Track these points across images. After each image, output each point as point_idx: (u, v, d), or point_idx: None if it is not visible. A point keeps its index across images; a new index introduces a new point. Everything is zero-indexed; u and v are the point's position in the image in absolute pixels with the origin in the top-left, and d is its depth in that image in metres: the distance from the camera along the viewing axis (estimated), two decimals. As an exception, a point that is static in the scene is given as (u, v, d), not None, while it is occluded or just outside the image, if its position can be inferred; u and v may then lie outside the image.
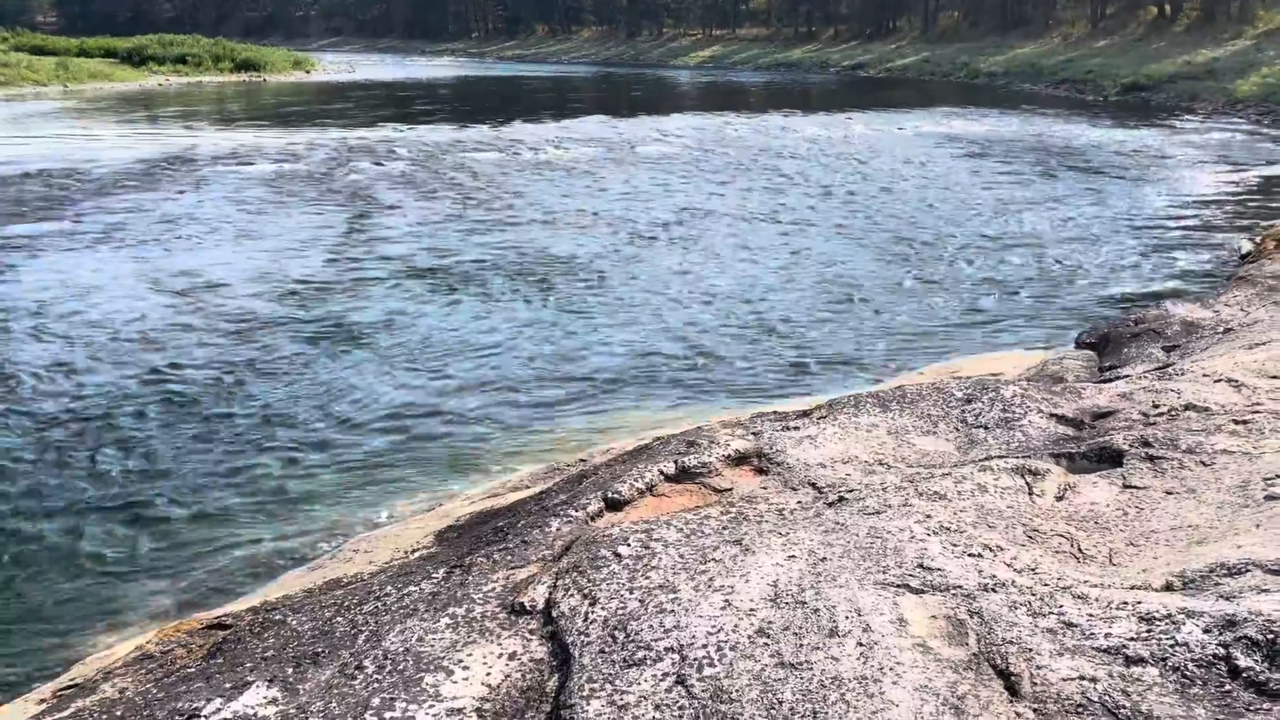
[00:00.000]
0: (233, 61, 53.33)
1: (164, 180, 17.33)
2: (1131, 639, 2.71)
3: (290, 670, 3.07)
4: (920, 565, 3.25)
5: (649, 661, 2.86)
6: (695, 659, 2.83)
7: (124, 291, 10.14)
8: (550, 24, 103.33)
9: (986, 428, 5.03)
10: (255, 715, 2.79)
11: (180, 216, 14.06)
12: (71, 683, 3.80)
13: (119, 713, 3.00)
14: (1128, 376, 6.19)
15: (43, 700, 3.69)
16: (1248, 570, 3.01)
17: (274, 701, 2.86)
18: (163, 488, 5.93)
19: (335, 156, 20.41)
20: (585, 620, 3.14)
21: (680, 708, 2.64)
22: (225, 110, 34.20)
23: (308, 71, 56.60)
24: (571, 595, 3.31)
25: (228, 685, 2.99)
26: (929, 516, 3.70)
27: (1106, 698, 2.50)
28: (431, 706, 2.78)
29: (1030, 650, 2.72)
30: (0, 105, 34.06)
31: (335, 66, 62.00)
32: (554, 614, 3.23)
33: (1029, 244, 12.78)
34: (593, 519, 4.29)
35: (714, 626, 2.99)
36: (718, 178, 18.12)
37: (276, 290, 10.21)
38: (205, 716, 2.80)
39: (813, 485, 4.32)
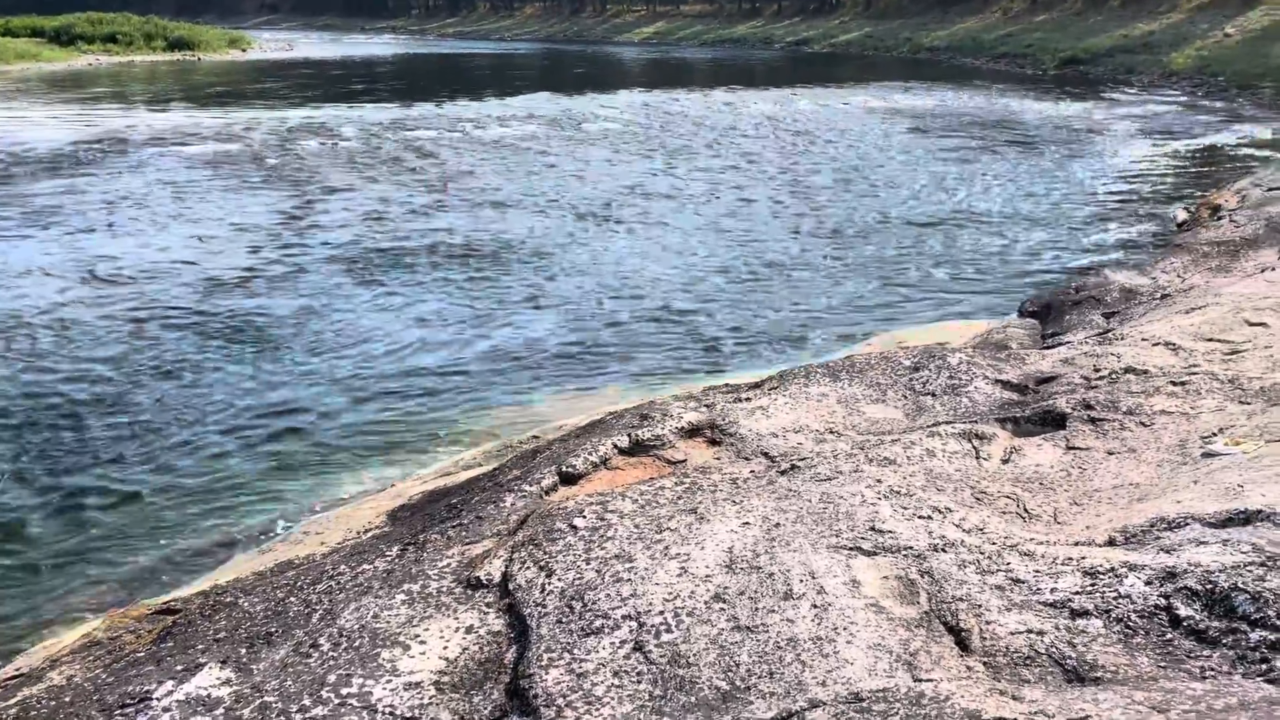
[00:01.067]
0: (165, 40, 52.00)
1: (96, 163, 16.88)
2: (1076, 593, 2.78)
3: (243, 651, 3.04)
4: (872, 528, 3.30)
5: (607, 630, 2.87)
6: (653, 625, 2.85)
7: (55, 277, 9.88)
8: (492, 1, 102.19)
9: (934, 395, 5.11)
10: (209, 696, 2.75)
11: (113, 200, 13.71)
12: (17, 672, 3.72)
13: (68, 699, 2.94)
14: (1069, 343, 6.32)
15: (-13, 691, 3.61)
16: (1187, 524, 3.10)
17: (227, 682, 2.83)
18: (106, 476, 5.81)
19: (274, 137, 20.03)
20: (542, 592, 3.14)
21: (639, 673, 2.66)
22: (159, 91, 33.35)
23: (244, 50, 55.38)
24: (528, 568, 3.31)
25: (179, 668, 2.95)
26: (879, 481, 3.76)
27: (1053, 649, 2.56)
28: (389, 681, 2.76)
29: (979, 607, 2.77)
30: (-78, 87, 32.88)
31: (272, 45, 60.75)
32: (510, 587, 3.23)
33: (972, 216, 12.96)
34: (547, 493, 4.29)
35: (671, 593, 3.01)
36: (665, 156, 18.10)
37: (217, 274, 10.02)
38: (157, 699, 2.76)
39: (765, 454, 4.36)
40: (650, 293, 9.46)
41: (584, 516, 3.66)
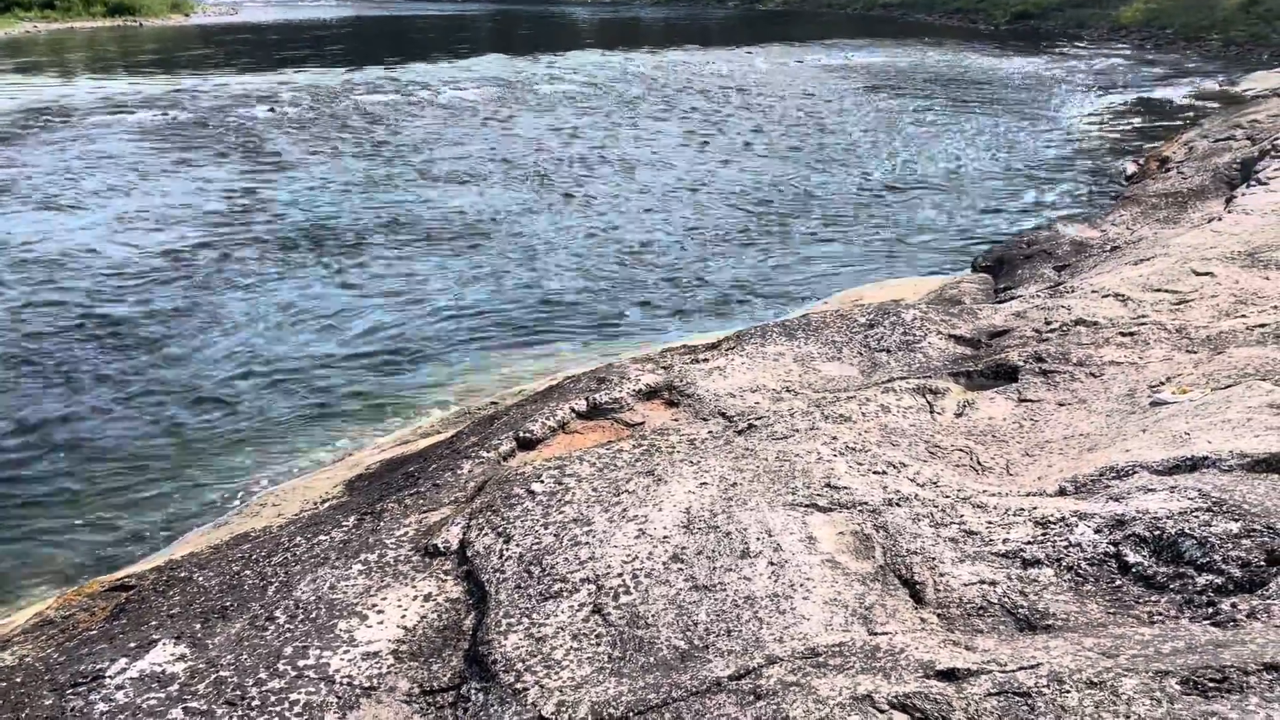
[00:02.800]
0: (105, 6, 50.43)
1: (37, 135, 16.41)
2: (1028, 543, 2.82)
3: (198, 626, 3.00)
4: (828, 485, 3.32)
5: (565, 593, 2.87)
6: (611, 588, 2.85)
7: (34, 247, 9.62)
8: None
9: (889, 351, 5.14)
10: (163, 673, 2.72)
11: (56, 172, 13.36)
12: (-33, 655, 3.65)
13: (19, 679, 2.90)
14: (1021, 296, 6.38)
15: (-63, 675, 3.54)
16: (1135, 472, 3.14)
17: (182, 658, 2.80)
18: (57, 453, 5.71)
19: (220, 104, 19.58)
20: (500, 557, 3.13)
21: (598, 635, 2.66)
22: (100, 58, 32.43)
23: (186, 15, 53.93)
24: (485, 534, 3.30)
25: (132, 645, 2.91)
26: (835, 438, 3.78)
27: (1005, 599, 2.60)
28: (346, 651, 2.75)
29: (933, 559, 2.80)
30: None
31: (216, 9, 59.20)
32: (469, 553, 3.22)
33: (925, 174, 13.00)
34: (505, 459, 4.27)
35: (629, 555, 3.01)
36: (619, 118, 17.95)
37: (163, 248, 9.81)
38: (110, 677, 2.72)
39: (723, 415, 4.37)
40: (605, 256, 9.41)
41: (542, 481, 3.65)
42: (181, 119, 17.69)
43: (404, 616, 2.93)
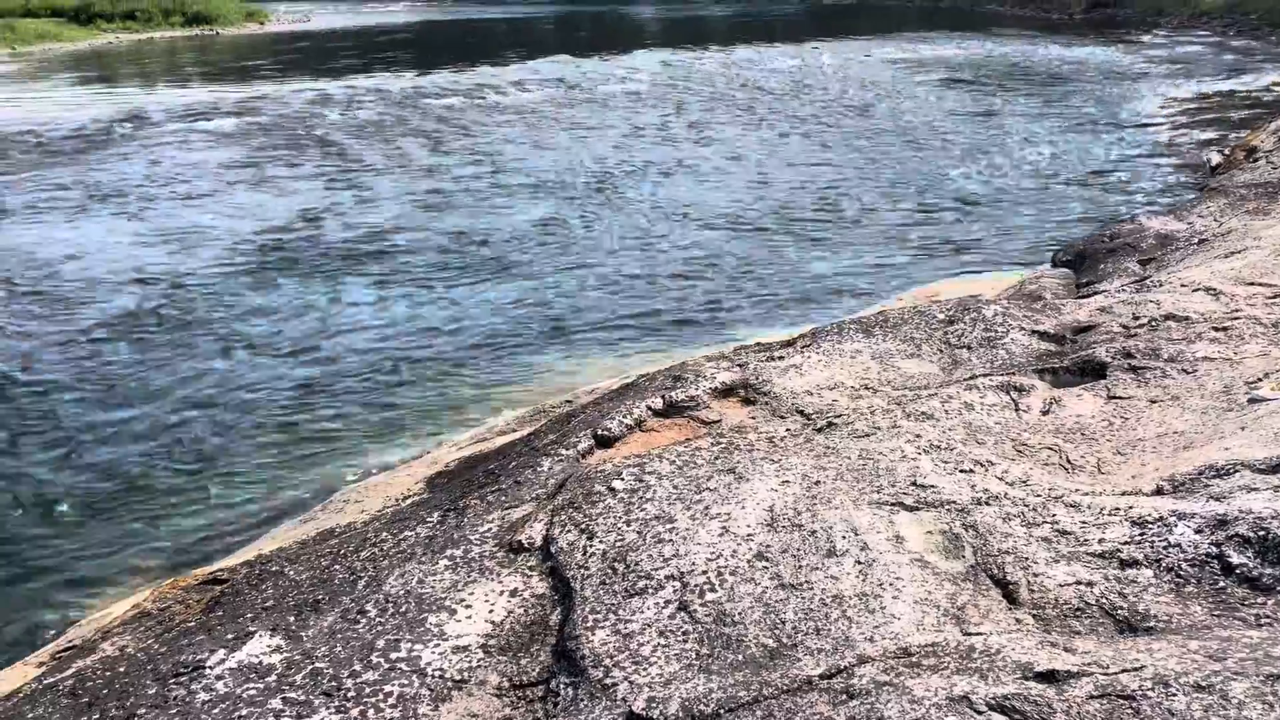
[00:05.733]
0: (184, 15, 51.84)
1: (118, 141, 16.94)
2: (1125, 543, 2.75)
3: (292, 619, 3.07)
4: (913, 483, 3.28)
5: (650, 590, 2.87)
6: (696, 585, 2.85)
7: (88, 255, 9.95)
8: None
9: (970, 348, 5.05)
10: (260, 664, 2.79)
11: (139, 178, 13.77)
12: (70, 645, 3.78)
13: (122, 669, 2.99)
14: (1106, 291, 6.23)
15: (42, 664, 3.68)
16: (1236, 471, 3.05)
17: (278, 649, 2.87)
18: (148, 449, 5.88)
19: (294, 109, 20.01)
20: (584, 554, 3.15)
21: (684, 633, 2.66)
22: (179, 66, 33.37)
23: (261, 23, 55.20)
24: (569, 531, 3.32)
25: (230, 636, 2.99)
26: (918, 436, 3.73)
27: (1104, 600, 2.54)
28: (437, 645, 2.79)
29: (1026, 559, 2.75)
30: (-54, 71, 33.04)
31: (290, 16, 60.49)
32: (552, 550, 3.24)
33: (999, 167, 12.76)
34: (584, 456, 4.29)
35: (713, 553, 3.00)
36: (688, 116, 17.93)
37: (246, 250, 10.06)
38: (210, 668, 2.80)
39: (800, 413, 4.33)
40: (679, 253, 9.41)
41: (622, 479, 3.66)
42: (257, 125, 18.11)
43: (491, 611, 2.96)
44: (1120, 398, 4.08)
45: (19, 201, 12.33)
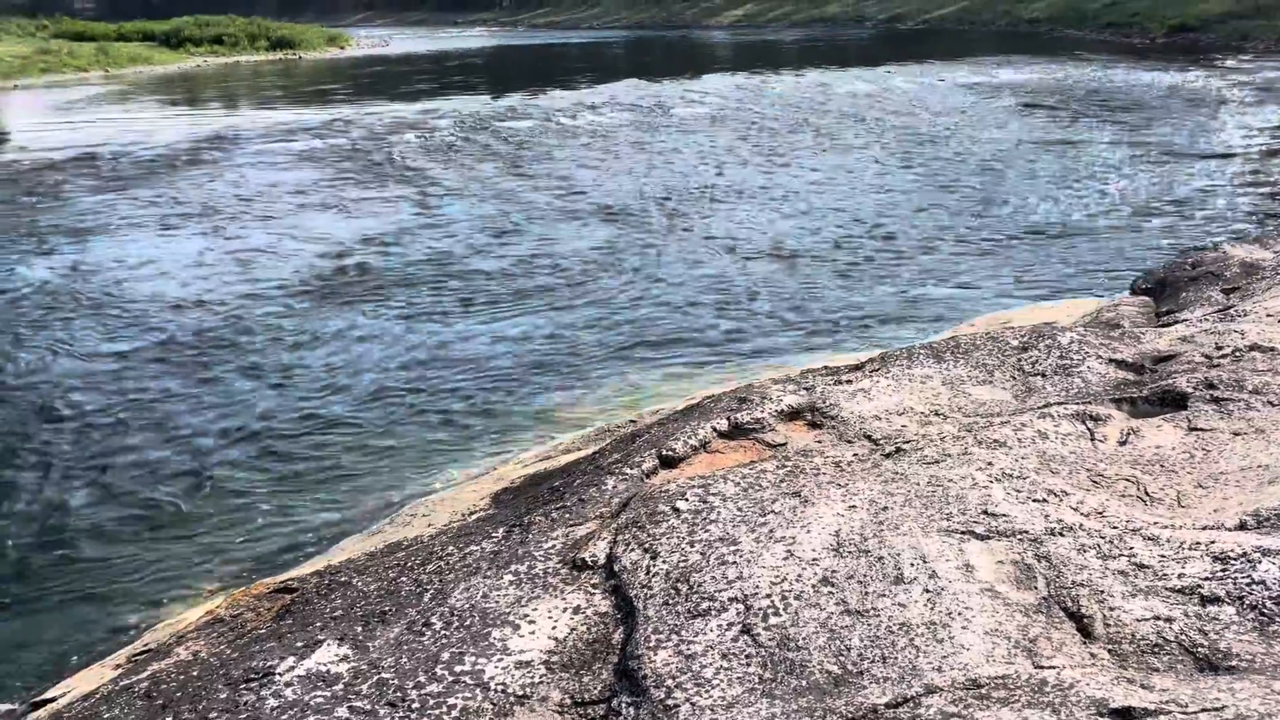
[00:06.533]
0: (268, 40, 53.58)
1: (204, 161, 17.50)
2: (1206, 578, 2.66)
3: (359, 629, 3.11)
4: (984, 512, 3.21)
5: (714, 612, 2.86)
6: (760, 608, 2.83)
7: (172, 270, 10.28)
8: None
9: (1044, 375, 4.95)
10: (328, 672, 2.83)
11: (227, 195, 14.20)
12: (145, 648, 3.89)
13: (195, 673, 3.06)
14: (1187, 320, 6.05)
15: (118, 665, 3.78)
16: (1325, 507, 2.93)
17: (345, 658, 2.91)
18: (218, 461, 6.03)
19: (373, 132, 20.47)
20: (647, 573, 3.14)
21: (748, 656, 2.64)
22: (264, 89, 34.40)
23: (342, 48, 56.75)
24: (632, 550, 3.32)
25: (300, 644, 3.05)
26: (990, 464, 3.66)
27: (1183, 637, 2.46)
28: (500, 660, 2.80)
29: (1102, 592, 2.68)
30: (45, 92, 34.54)
31: (369, 41, 62.10)
32: (615, 568, 3.24)
33: (1077, 192, 12.52)
34: (648, 476, 4.29)
35: (777, 576, 2.98)
36: (757, 138, 17.93)
37: (327, 264, 10.30)
38: (279, 674, 2.85)
39: (868, 437, 4.28)
40: (746, 276, 9.39)
41: (686, 499, 3.65)
42: (334, 146, 18.57)
43: (554, 628, 2.97)
44: (1202, 429, 3.96)
45: (106, 219, 12.81)
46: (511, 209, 12.67)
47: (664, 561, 3.20)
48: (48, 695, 3.71)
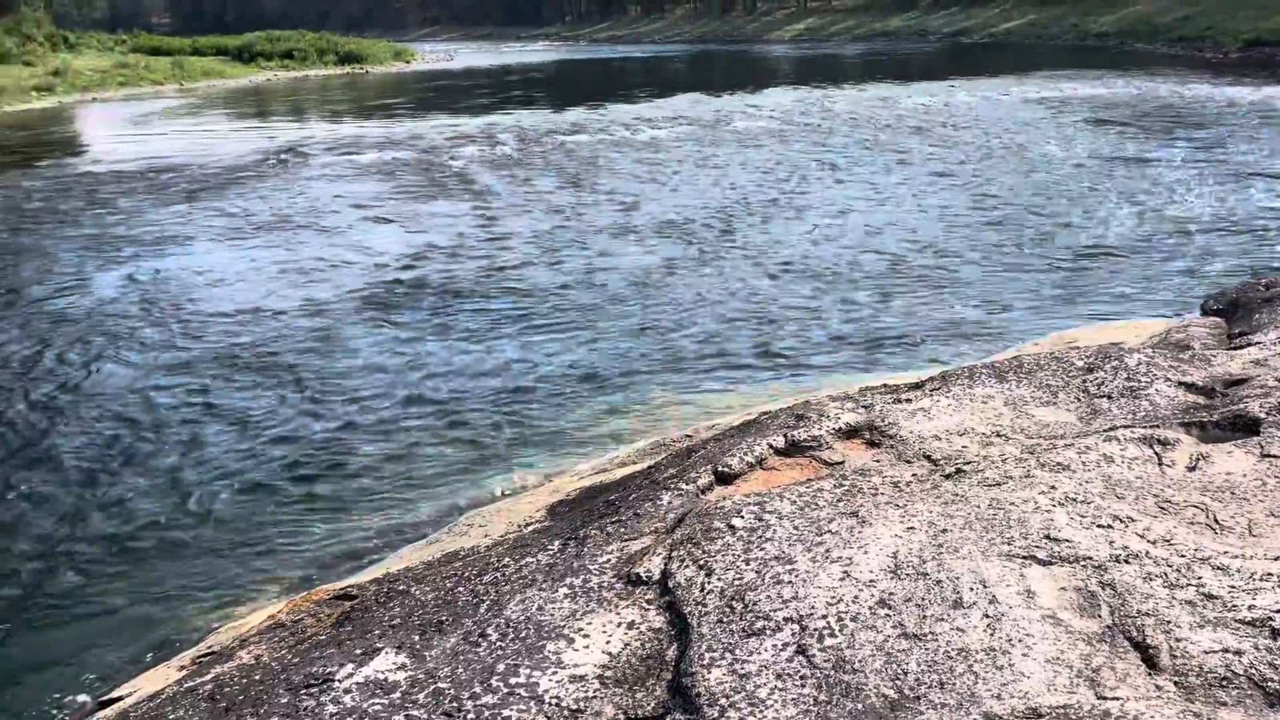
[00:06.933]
0: (336, 55, 54.71)
1: (272, 173, 17.90)
2: (1277, 611, 2.59)
3: (417, 637, 3.15)
4: (1047, 536, 3.16)
5: (768, 631, 2.84)
6: (816, 629, 2.81)
7: (242, 281, 10.52)
8: (643, 3, 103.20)
9: (1110, 397, 4.85)
10: (386, 680, 2.87)
11: (284, 209, 14.51)
12: (209, 650, 3.97)
13: (257, 677, 3.13)
14: (1261, 343, 5.89)
15: (183, 667, 3.87)
16: (1406, 541, 2.84)
17: (403, 667, 2.95)
18: (280, 469, 6.15)
19: (436, 145, 20.78)
20: (702, 591, 3.14)
21: (802, 677, 2.62)
22: (331, 102, 35.12)
23: (408, 62, 57.73)
24: (687, 566, 3.32)
25: (358, 651, 3.09)
26: (1053, 488, 3.59)
27: (1253, 670, 2.39)
28: (554, 673, 2.82)
29: (1168, 622, 2.61)
30: (123, 105, 35.64)
31: (434, 56, 63.08)
32: (670, 584, 3.25)
33: (1147, 209, 12.26)
34: (704, 492, 4.29)
35: (833, 597, 2.96)
36: (815, 154, 17.86)
37: (381, 278, 10.46)
38: (339, 680, 2.90)
39: (928, 458, 4.24)
40: (805, 292, 9.35)
41: (742, 516, 3.64)
42: (399, 159, 18.87)
43: (608, 642, 2.98)
44: (1275, 456, 3.85)
45: (175, 230, 13.16)
46: (568, 224, 12.76)
47: (719, 579, 3.20)
48: (115, 694, 3.81)
